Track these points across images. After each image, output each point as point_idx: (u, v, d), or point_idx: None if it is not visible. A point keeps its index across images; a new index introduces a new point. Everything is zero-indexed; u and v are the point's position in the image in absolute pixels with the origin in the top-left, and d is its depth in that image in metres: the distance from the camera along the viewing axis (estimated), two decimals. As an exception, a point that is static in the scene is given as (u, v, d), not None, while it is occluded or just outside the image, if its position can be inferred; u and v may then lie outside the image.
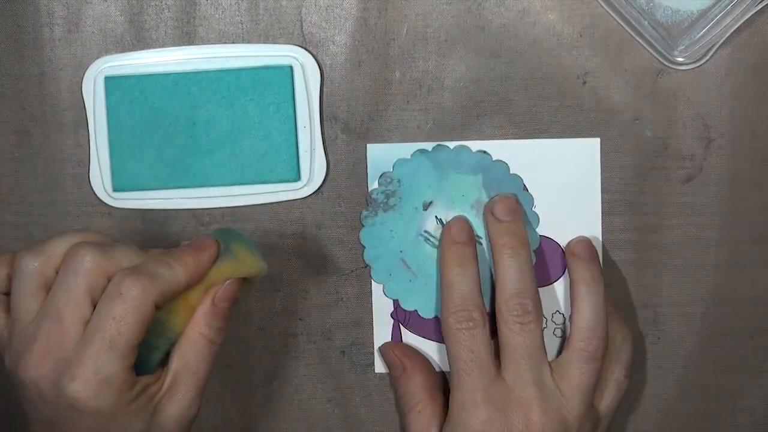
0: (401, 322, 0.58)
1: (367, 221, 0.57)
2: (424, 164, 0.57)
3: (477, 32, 0.57)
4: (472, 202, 0.57)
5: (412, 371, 0.56)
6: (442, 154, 0.57)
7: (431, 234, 0.57)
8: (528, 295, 0.53)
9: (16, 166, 0.58)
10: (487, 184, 0.57)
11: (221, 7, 0.57)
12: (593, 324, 0.54)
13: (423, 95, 0.57)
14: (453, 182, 0.57)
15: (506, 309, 0.53)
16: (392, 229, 0.57)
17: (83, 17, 0.57)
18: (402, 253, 0.57)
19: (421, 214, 0.57)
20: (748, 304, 0.58)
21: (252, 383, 0.59)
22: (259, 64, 0.57)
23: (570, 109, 0.57)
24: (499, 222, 0.55)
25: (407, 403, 0.56)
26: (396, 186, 0.57)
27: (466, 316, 0.53)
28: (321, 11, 0.57)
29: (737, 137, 0.57)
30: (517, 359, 0.53)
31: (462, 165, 0.57)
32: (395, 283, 0.58)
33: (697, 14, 0.55)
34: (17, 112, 0.58)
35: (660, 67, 0.56)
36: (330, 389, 0.59)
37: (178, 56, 0.57)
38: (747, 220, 0.57)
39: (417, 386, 0.56)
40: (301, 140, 0.57)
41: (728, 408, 0.59)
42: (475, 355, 0.53)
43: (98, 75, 0.57)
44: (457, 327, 0.53)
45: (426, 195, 0.57)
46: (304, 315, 0.59)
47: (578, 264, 0.55)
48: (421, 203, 0.57)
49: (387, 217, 0.57)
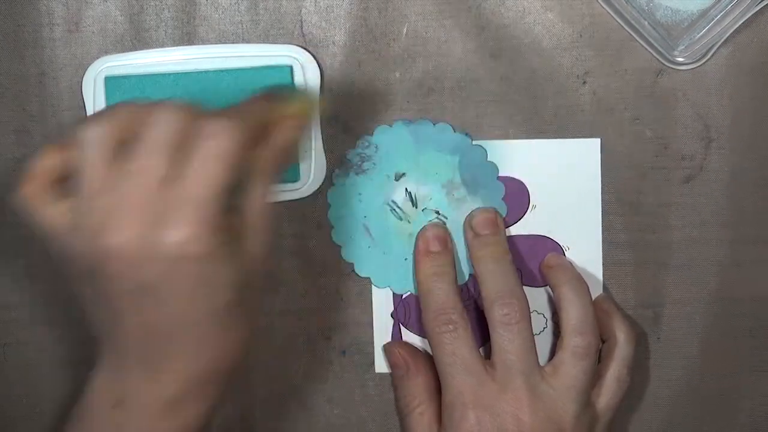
0: (401, 322, 0.58)
1: (337, 180, 0.57)
2: (404, 135, 0.57)
3: (477, 32, 0.57)
4: (443, 181, 0.57)
5: (416, 372, 0.56)
6: (423, 129, 0.57)
7: (398, 205, 0.57)
8: (514, 295, 0.53)
9: (16, 166, 0.58)
10: (462, 167, 0.57)
11: (221, 7, 0.57)
12: (582, 320, 0.54)
13: (423, 95, 0.57)
14: (429, 158, 0.57)
15: (492, 312, 0.53)
16: (360, 193, 0.57)
17: (83, 17, 0.57)
18: (366, 219, 0.57)
19: (391, 184, 0.57)
20: (748, 304, 0.58)
21: (252, 383, 0.59)
22: (259, 64, 0.57)
23: (570, 109, 0.57)
24: (478, 236, 0.56)
25: (408, 404, 0.56)
26: (372, 151, 0.57)
27: (446, 320, 0.54)
28: (321, 11, 0.57)
29: (737, 137, 0.57)
30: (506, 360, 0.53)
31: (441, 143, 0.57)
32: (353, 247, 0.58)
33: (697, 14, 0.55)
34: (17, 112, 0.58)
35: (660, 67, 0.56)
36: (330, 389, 0.59)
37: (178, 56, 0.57)
38: (747, 220, 0.57)
39: (419, 387, 0.56)
40: (301, 140, 0.57)
41: (728, 408, 0.59)
42: (459, 357, 0.53)
43: (98, 75, 0.57)
44: (438, 331, 0.54)
45: (400, 166, 0.57)
46: (304, 315, 0.59)
47: (556, 272, 0.56)
48: (393, 173, 0.57)
49: (358, 180, 0.57)
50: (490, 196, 0.57)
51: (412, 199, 0.57)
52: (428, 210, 0.57)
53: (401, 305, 0.58)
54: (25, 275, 0.59)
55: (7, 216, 0.58)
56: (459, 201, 0.57)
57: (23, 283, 0.59)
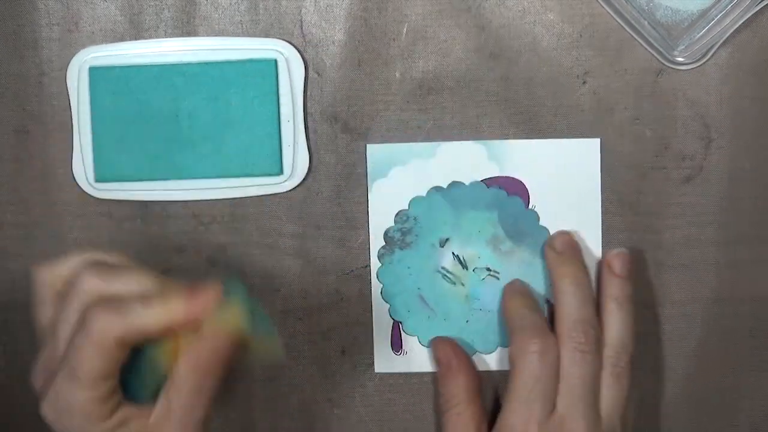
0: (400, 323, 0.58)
1: (384, 259, 0.57)
2: (440, 202, 0.57)
3: (477, 32, 0.57)
4: (488, 237, 0.57)
5: (458, 371, 0.56)
6: (457, 191, 0.57)
7: (449, 270, 0.57)
8: (592, 324, 0.53)
9: (15, 166, 0.58)
10: (502, 220, 0.57)
11: (221, 7, 0.57)
12: (623, 341, 0.54)
13: (423, 95, 0.57)
14: (469, 219, 0.57)
15: (569, 336, 0.53)
16: (410, 266, 0.57)
17: (83, 17, 0.57)
18: (420, 290, 0.58)
19: (438, 251, 0.57)
20: (748, 303, 0.58)
21: (252, 383, 0.59)
22: (244, 58, 0.56)
23: (570, 109, 0.57)
24: (558, 254, 0.56)
25: (447, 402, 0.56)
26: (412, 224, 0.57)
27: (541, 341, 0.53)
28: (321, 11, 0.57)
29: (737, 137, 0.57)
30: (573, 389, 0.53)
31: (477, 202, 0.57)
32: (414, 320, 0.58)
33: (697, 14, 0.55)
34: (17, 112, 0.58)
35: (660, 67, 0.56)
36: (330, 389, 0.59)
37: (163, 48, 0.57)
38: (747, 220, 0.57)
39: (459, 387, 0.56)
40: (285, 134, 0.57)
41: (728, 408, 0.59)
42: (542, 385, 0.53)
43: (83, 65, 0.57)
44: (531, 350, 0.53)
45: (442, 232, 0.57)
46: (304, 315, 0.59)
47: (613, 280, 0.55)
48: (437, 240, 0.57)
49: (404, 254, 0.57)
50: (536, 244, 0.57)
51: (461, 262, 0.57)
52: (479, 269, 0.57)
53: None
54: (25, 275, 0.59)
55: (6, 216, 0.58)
56: (507, 254, 0.57)
57: (23, 283, 0.59)
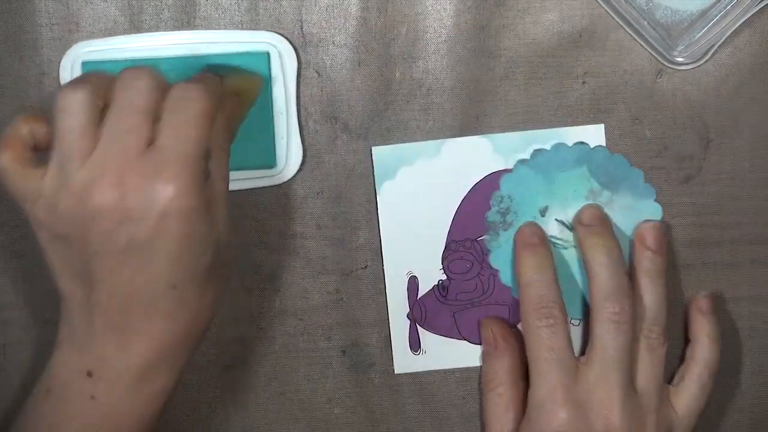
0: (418, 322, 0.58)
1: (492, 245, 0.57)
2: (528, 173, 0.57)
3: (477, 32, 0.57)
4: (585, 194, 0.57)
5: (503, 353, 0.56)
6: (541, 158, 0.57)
7: (557, 237, 0.57)
8: (625, 294, 0.53)
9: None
10: (593, 172, 0.56)
11: (221, 7, 0.57)
12: (655, 314, 0.54)
13: (423, 95, 0.57)
14: (561, 181, 0.57)
15: (603, 307, 0.53)
16: None
17: (83, 17, 0.57)
18: None
19: (541, 221, 0.57)
20: (748, 304, 0.58)
21: (252, 383, 0.59)
22: (236, 50, 0.56)
23: (570, 109, 0.57)
24: (586, 226, 0.55)
25: (490, 382, 0.56)
26: (508, 202, 0.57)
27: (547, 313, 0.53)
28: (321, 11, 0.57)
29: (737, 137, 0.57)
30: (606, 360, 0.52)
31: (563, 162, 0.57)
32: None
33: (697, 14, 0.55)
34: (17, 112, 0.58)
35: (660, 67, 0.56)
36: (330, 389, 0.59)
37: (156, 42, 0.57)
38: (747, 220, 0.57)
39: (503, 369, 0.56)
40: (278, 126, 0.57)
41: (728, 408, 0.59)
42: (556, 353, 0.53)
43: (75, 60, 0.57)
44: (538, 324, 0.53)
45: (539, 202, 0.57)
46: (304, 315, 0.59)
47: (645, 254, 0.55)
48: (537, 211, 0.57)
49: (509, 234, 0.57)
50: (633, 185, 0.57)
51: (566, 225, 0.57)
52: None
53: (417, 306, 0.58)
54: (25, 275, 0.59)
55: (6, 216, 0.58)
56: (608, 204, 0.57)
57: (23, 283, 0.59)
